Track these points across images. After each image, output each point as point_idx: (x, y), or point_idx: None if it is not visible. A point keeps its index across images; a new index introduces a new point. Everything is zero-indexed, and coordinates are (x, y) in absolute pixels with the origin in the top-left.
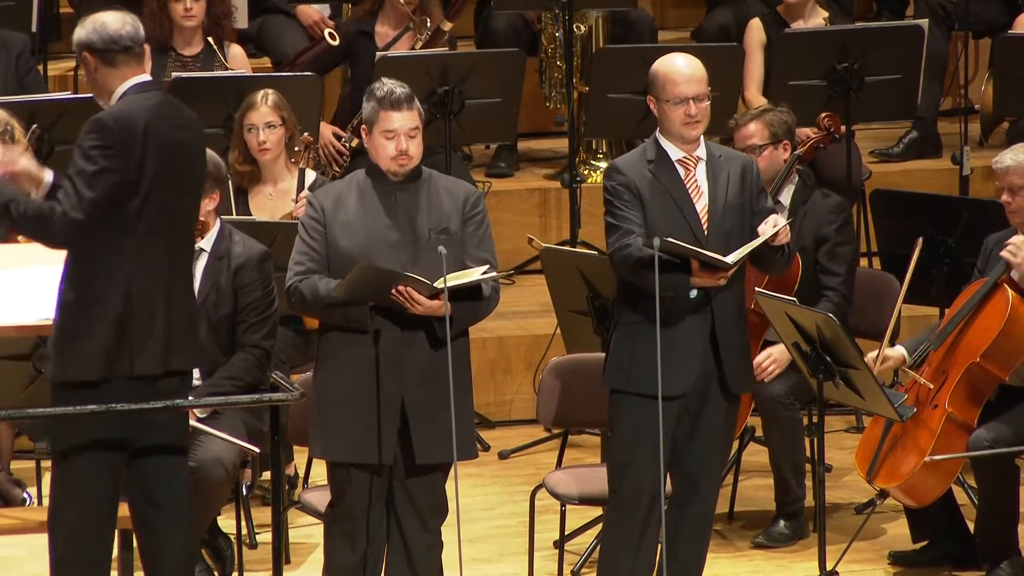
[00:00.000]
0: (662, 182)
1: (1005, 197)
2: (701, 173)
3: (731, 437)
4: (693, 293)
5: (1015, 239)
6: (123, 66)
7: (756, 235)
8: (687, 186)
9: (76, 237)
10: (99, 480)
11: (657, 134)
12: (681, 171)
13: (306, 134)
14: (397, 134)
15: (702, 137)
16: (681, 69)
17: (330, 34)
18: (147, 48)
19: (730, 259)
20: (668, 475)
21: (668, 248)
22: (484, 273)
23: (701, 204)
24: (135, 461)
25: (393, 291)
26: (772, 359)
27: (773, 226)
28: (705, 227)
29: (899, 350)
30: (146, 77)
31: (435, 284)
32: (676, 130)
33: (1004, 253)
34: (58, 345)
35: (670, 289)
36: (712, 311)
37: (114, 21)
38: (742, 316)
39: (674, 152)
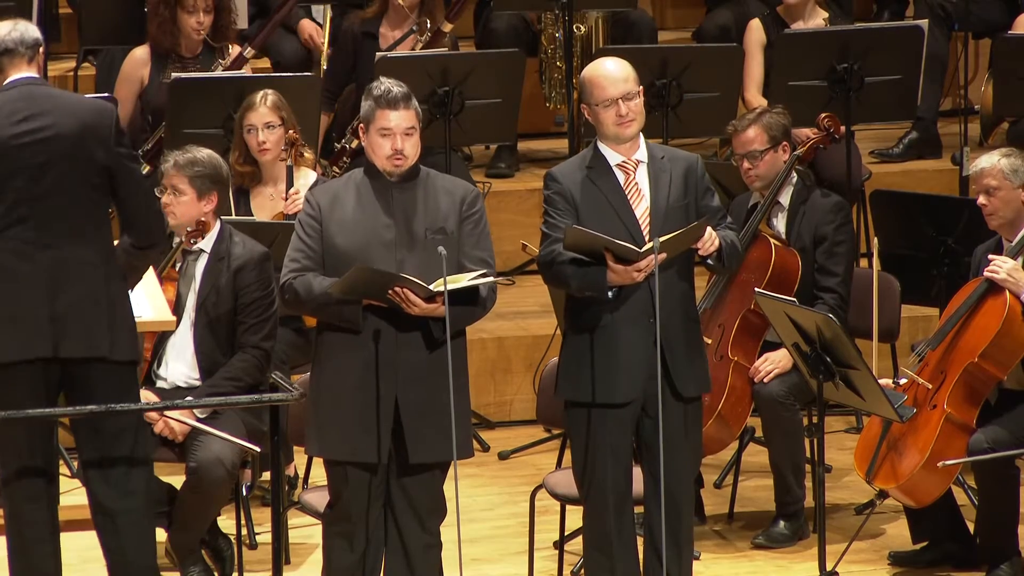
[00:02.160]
0: (599, 187)
1: (982, 200)
2: (642, 176)
3: (697, 435)
4: (611, 293)
5: (996, 258)
6: (9, 68)
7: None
8: (626, 190)
9: None
10: (28, 496)
11: (596, 140)
12: (620, 175)
13: (291, 131)
14: (393, 133)
15: (643, 140)
16: (607, 72)
17: None
18: (40, 51)
19: (643, 248)
20: (637, 478)
21: (577, 237)
22: (482, 275)
23: (642, 208)
24: (89, 467)
25: (389, 292)
26: (770, 363)
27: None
28: (646, 231)
29: None
30: (24, 74)
31: (433, 285)
32: (611, 132)
33: (987, 273)
34: None
35: (588, 288)
36: (656, 316)
37: (1, 28)
38: (690, 319)
39: (613, 157)
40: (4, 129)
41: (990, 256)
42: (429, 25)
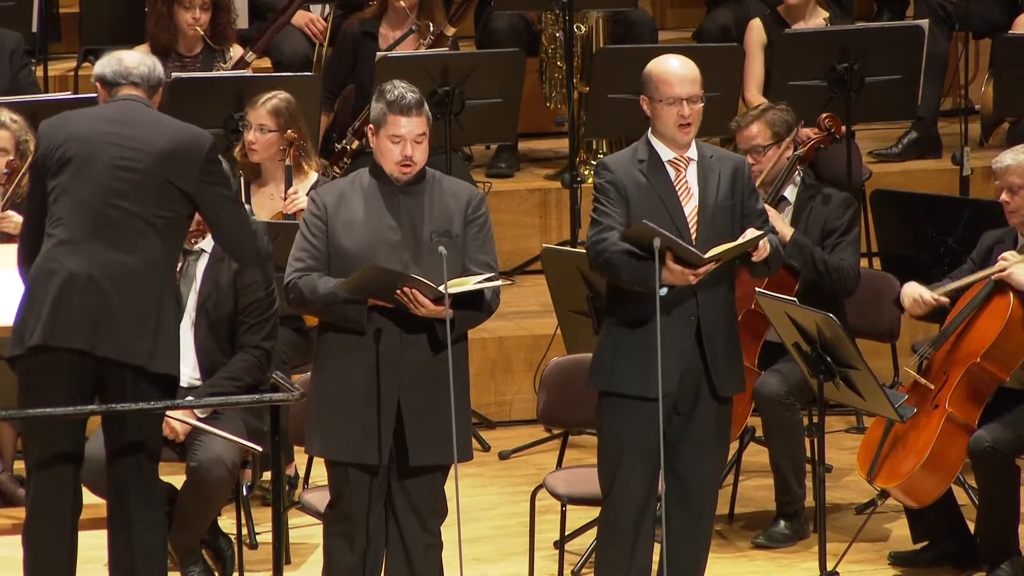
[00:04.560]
0: (651, 183)
1: (1004, 197)
2: (692, 174)
3: (725, 439)
4: (664, 291)
5: (1003, 258)
6: (123, 91)
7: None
8: (677, 187)
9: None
10: (53, 478)
11: (649, 134)
12: (672, 172)
13: (290, 131)
14: (404, 139)
15: (693, 138)
16: (676, 69)
17: None
18: (160, 91)
19: (706, 255)
20: (661, 477)
21: (642, 232)
22: (488, 279)
23: (691, 206)
24: (111, 460)
25: (398, 292)
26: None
27: (750, 238)
28: (693, 229)
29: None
30: (132, 93)
31: (440, 287)
32: (669, 132)
33: (997, 276)
34: None
35: (641, 283)
36: (699, 312)
37: (129, 59)
38: (731, 317)
39: (665, 153)
40: (96, 124)
41: (1001, 255)
42: (432, 28)
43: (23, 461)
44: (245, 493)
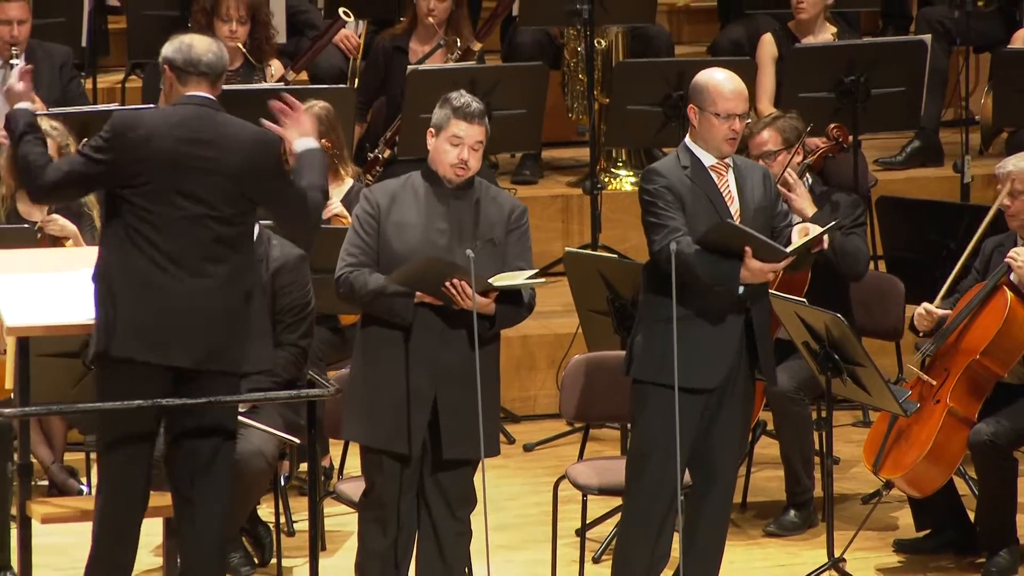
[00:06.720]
0: (701, 188)
1: (1005, 201)
2: (731, 179)
3: (748, 430)
4: (740, 289)
5: (1015, 250)
6: (191, 85)
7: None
8: (722, 191)
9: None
10: (126, 468)
11: (688, 142)
12: (715, 177)
13: (324, 140)
14: (463, 143)
15: None
16: (733, 87)
17: (344, 12)
18: (222, 79)
19: (788, 249)
20: (687, 467)
21: (726, 231)
22: (534, 275)
23: (734, 208)
24: (175, 446)
25: (446, 284)
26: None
27: (820, 232)
28: None
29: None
30: (202, 92)
31: (491, 280)
32: (716, 143)
33: (1008, 259)
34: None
35: (720, 282)
36: (750, 307)
37: (199, 44)
38: (770, 312)
39: (707, 159)
40: (176, 145)
41: (1012, 251)
42: (459, 43)
43: (75, 454)
44: (283, 484)
